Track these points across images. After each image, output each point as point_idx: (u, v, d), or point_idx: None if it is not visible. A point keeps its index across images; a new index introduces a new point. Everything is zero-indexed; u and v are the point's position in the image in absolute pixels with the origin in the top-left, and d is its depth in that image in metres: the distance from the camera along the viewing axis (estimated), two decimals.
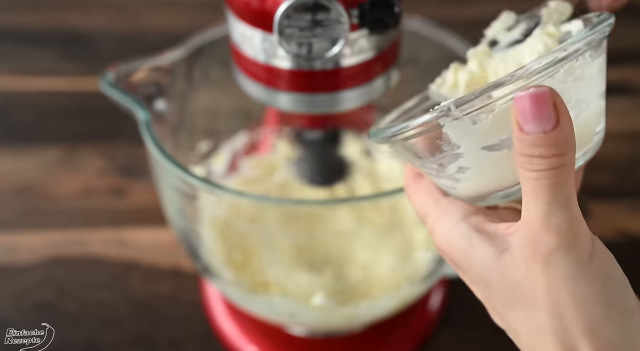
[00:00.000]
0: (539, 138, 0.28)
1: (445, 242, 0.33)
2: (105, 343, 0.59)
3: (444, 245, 0.33)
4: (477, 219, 0.33)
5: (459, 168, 0.32)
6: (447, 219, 0.33)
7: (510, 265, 0.31)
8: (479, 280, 0.32)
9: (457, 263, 0.33)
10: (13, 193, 0.72)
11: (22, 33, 0.92)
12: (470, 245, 0.32)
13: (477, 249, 0.32)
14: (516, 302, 0.31)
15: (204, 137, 0.64)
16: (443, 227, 0.33)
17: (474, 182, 0.33)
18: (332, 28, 0.39)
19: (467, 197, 0.34)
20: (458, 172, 0.33)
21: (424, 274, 0.54)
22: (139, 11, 0.96)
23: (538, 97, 0.28)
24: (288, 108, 0.45)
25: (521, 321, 0.32)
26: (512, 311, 0.32)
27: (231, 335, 0.59)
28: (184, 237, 0.56)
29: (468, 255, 0.32)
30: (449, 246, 0.33)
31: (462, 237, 0.32)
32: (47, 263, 0.65)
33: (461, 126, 0.30)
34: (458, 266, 0.34)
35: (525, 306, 0.31)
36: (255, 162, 0.65)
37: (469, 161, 0.32)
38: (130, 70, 0.52)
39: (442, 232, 0.33)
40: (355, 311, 0.53)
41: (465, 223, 0.33)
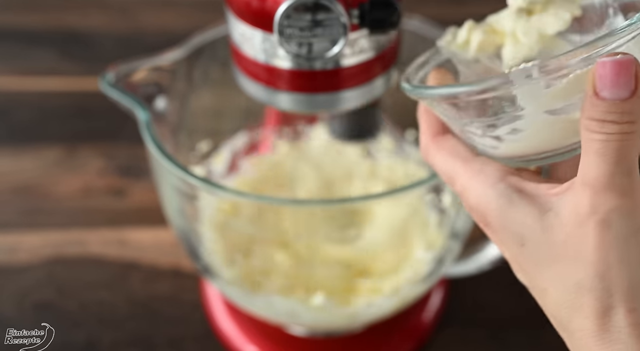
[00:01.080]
0: (615, 104, 0.29)
1: (482, 201, 0.33)
2: (105, 343, 0.59)
3: (480, 205, 0.33)
4: (515, 179, 0.33)
5: (512, 130, 0.32)
6: (483, 178, 0.33)
7: (553, 224, 0.31)
8: (513, 239, 0.32)
9: (490, 223, 0.33)
10: (13, 193, 0.72)
11: (22, 33, 0.92)
12: (510, 205, 0.32)
13: (519, 208, 0.32)
14: (553, 260, 0.32)
15: (204, 137, 0.64)
16: (478, 187, 0.33)
17: (522, 144, 0.33)
18: (332, 28, 0.39)
19: (506, 157, 0.34)
20: (509, 133, 0.32)
21: (424, 274, 0.54)
22: (139, 11, 0.96)
23: (623, 65, 0.28)
24: (288, 108, 0.45)
25: (554, 280, 0.32)
26: (546, 269, 0.32)
27: (231, 335, 0.59)
28: (184, 237, 0.56)
29: (507, 214, 0.32)
30: (486, 205, 0.33)
31: (501, 196, 0.32)
32: (47, 263, 0.65)
33: (534, 89, 0.30)
34: (489, 226, 0.33)
35: (564, 265, 0.31)
36: (255, 162, 0.65)
37: (527, 124, 0.32)
38: (130, 70, 0.52)
39: (478, 192, 0.33)
40: (355, 311, 0.53)
41: (504, 182, 0.33)
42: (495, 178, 0.33)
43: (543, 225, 0.31)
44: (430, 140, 0.37)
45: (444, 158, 0.35)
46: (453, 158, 0.35)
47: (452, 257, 0.55)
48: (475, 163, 0.34)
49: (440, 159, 0.36)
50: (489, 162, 0.34)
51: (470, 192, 0.34)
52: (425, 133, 0.37)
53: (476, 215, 0.34)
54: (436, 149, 0.36)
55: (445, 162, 0.35)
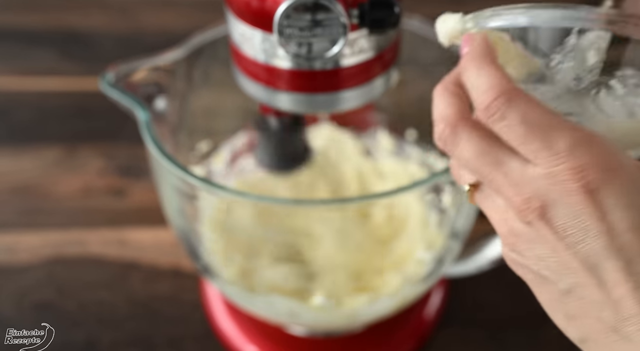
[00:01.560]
0: None
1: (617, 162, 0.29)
2: (104, 343, 0.59)
3: (613, 164, 0.28)
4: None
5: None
6: (611, 144, 0.29)
7: None
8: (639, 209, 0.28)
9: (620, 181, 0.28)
10: (13, 193, 0.72)
11: (22, 33, 0.92)
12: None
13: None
14: None
15: (204, 136, 0.64)
16: (611, 149, 0.29)
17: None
18: (332, 28, 0.39)
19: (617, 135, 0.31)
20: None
21: (424, 274, 0.54)
22: (139, 11, 0.96)
23: None
24: (288, 108, 0.45)
25: None
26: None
27: (231, 335, 0.59)
28: (183, 237, 0.56)
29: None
30: (621, 167, 0.29)
31: (636, 164, 0.29)
32: (47, 263, 0.65)
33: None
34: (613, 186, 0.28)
35: None
36: (255, 162, 0.64)
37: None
38: (130, 70, 0.52)
39: (610, 153, 0.29)
40: (355, 311, 0.53)
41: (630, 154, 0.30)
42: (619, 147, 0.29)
43: None
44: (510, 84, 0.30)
45: (541, 108, 0.29)
46: (557, 115, 0.29)
47: (452, 257, 0.55)
48: (589, 128, 0.29)
49: (535, 107, 0.29)
50: None
51: (593, 151, 0.28)
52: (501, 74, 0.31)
53: (586, 176, 0.28)
54: (529, 96, 0.30)
55: (545, 113, 0.29)
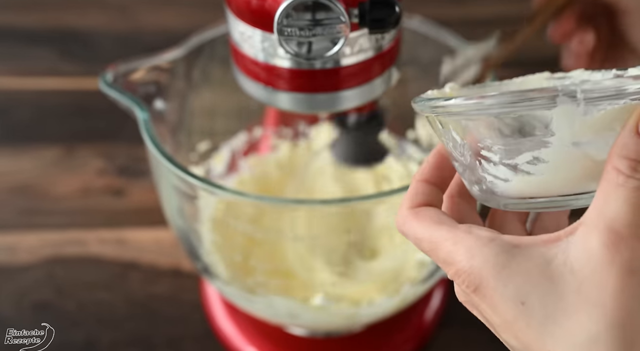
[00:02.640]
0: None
1: (477, 262, 0.30)
2: (104, 343, 0.59)
3: (474, 267, 0.30)
4: (507, 237, 0.31)
5: (534, 159, 0.31)
6: (474, 239, 0.31)
7: (563, 272, 0.29)
8: (513, 298, 0.30)
9: (484, 286, 0.30)
10: (12, 193, 0.72)
11: (21, 33, 0.92)
12: (511, 260, 0.30)
13: (520, 261, 0.29)
14: (562, 314, 0.29)
15: (204, 136, 0.64)
16: (470, 248, 0.31)
17: (536, 180, 0.31)
18: (332, 27, 0.39)
19: (512, 195, 0.32)
20: (529, 163, 0.31)
21: (425, 274, 0.54)
22: (138, 10, 0.96)
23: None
24: (288, 107, 0.45)
25: (562, 338, 0.29)
26: (552, 326, 0.29)
27: (231, 335, 0.59)
28: (183, 237, 0.56)
29: (507, 270, 0.30)
30: (482, 265, 0.30)
31: (499, 253, 0.30)
32: (46, 263, 0.65)
33: (571, 113, 0.29)
34: (480, 291, 0.30)
35: (576, 317, 0.29)
36: (254, 162, 0.64)
37: (551, 154, 0.30)
38: (130, 69, 0.52)
39: (471, 253, 0.30)
40: (355, 311, 0.53)
41: (498, 241, 0.30)
42: (487, 238, 0.31)
43: (551, 274, 0.29)
44: (410, 210, 0.34)
45: (426, 225, 0.33)
46: (437, 225, 0.32)
47: None
48: (462, 228, 0.32)
49: (421, 227, 0.33)
50: (476, 227, 0.32)
51: (461, 255, 0.31)
52: (406, 203, 0.35)
53: (466, 278, 0.31)
54: (417, 219, 0.33)
55: (428, 228, 0.33)
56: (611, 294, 0.28)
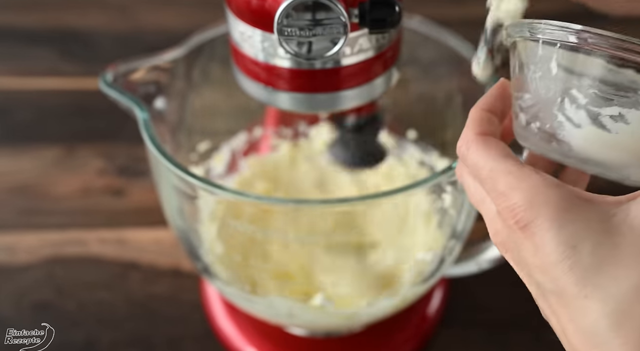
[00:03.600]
0: None
1: (539, 199, 0.31)
2: (104, 343, 0.59)
3: (533, 202, 0.31)
4: (574, 188, 0.32)
5: (619, 115, 0.31)
6: (541, 179, 0.31)
7: (621, 227, 0.30)
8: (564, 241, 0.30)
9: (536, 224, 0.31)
10: (12, 193, 0.72)
11: (21, 33, 0.92)
12: (574, 206, 0.31)
13: (581, 209, 0.31)
14: (612, 263, 0.30)
15: (204, 136, 0.64)
16: (536, 186, 0.31)
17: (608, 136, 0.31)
18: (332, 27, 0.39)
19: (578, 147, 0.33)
20: (611, 117, 0.31)
21: (425, 274, 0.54)
22: (138, 10, 0.96)
23: None
24: (288, 107, 0.45)
25: (608, 284, 0.30)
26: (599, 273, 0.30)
27: (231, 335, 0.59)
28: (183, 237, 0.56)
29: (568, 214, 0.30)
30: (542, 203, 0.31)
31: (564, 198, 0.31)
32: (46, 263, 0.65)
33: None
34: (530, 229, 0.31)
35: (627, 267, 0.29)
36: (254, 162, 0.64)
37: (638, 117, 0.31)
38: (130, 69, 0.52)
39: (534, 190, 0.31)
40: (355, 311, 0.53)
41: (566, 188, 0.31)
42: (554, 182, 0.32)
43: (608, 227, 0.30)
44: (475, 136, 0.35)
45: (493, 154, 0.33)
46: (504, 157, 0.33)
47: (452, 257, 0.55)
48: (528, 168, 0.32)
49: (487, 156, 0.34)
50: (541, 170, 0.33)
51: (522, 191, 0.31)
52: (472, 129, 0.35)
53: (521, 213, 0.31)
54: (485, 146, 0.34)
55: (495, 158, 0.33)
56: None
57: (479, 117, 0.36)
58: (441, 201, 0.55)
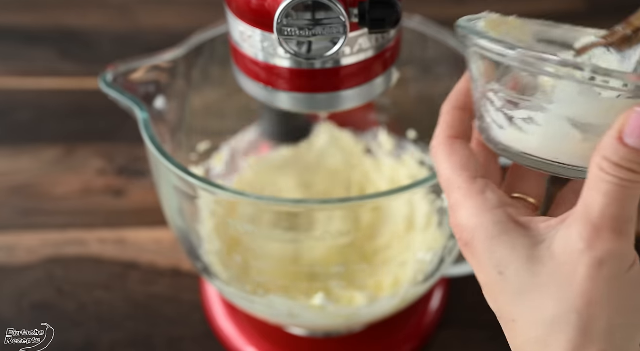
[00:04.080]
0: (636, 153, 0.28)
1: (474, 222, 0.33)
2: (104, 343, 0.59)
3: (470, 225, 0.33)
4: (512, 210, 0.33)
5: (529, 118, 0.32)
6: (482, 201, 0.33)
7: (543, 255, 0.31)
8: (494, 266, 0.32)
9: (474, 245, 0.33)
10: (12, 193, 0.72)
11: (21, 33, 0.92)
12: (503, 232, 0.32)
13: (511, 237, 0.32)
14: (532, 291, 0.31)
15: (204, 136, 0.64)
16: (475, 208, 0.33)
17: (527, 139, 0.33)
18: (332, 27, 0.39)
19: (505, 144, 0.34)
20: (523, 121, 0.32)
21: (424, 274, 0.54)
22: (138, 10, 0.96)
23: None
24: (288, 107, 0.45)
25: (528, 312, 0.31)
26: (521, 300, 0.32)
27: (231, 335, 0.59)
28: (183, 237, 0.56)
29: (497, 240, 0.32)
30: (477, 227, 0.32)
31: (497, 223, 0.32)
32: (46, 263, 0.65)
33: (576, 89, 0.30)
34: (470, 247, 0.33)
35: (543, 297, 0.31)
36: (255, 162, 0.64)
37: (545, 120, 0.32)
38: (130, 69, 0.52)
39: (473, 213, 0.33)
40: (355, 311, 0.53)
41: (502, 210, 0.33)
42: (494, 204, 0.33)
43: (532, 255, 0.31)
44: (445, 139, 0.36)
45: (451, 165, 0.35)
46: (460, 170, 0.34)
47: (452, 257, 0.55)
48: (479, 184, 0.34)
49: (447, 165, 0.35)
50: (491, 186, 0.34)
51: (465, 210, 0.33)
52: (443, 131, 0.37)
53: (461, 232, 0.33)
54: (447, 153, 0.36)
55: (452, 170, 0.35)
56: (578, 282, 0.30)
57: (451, 118, 0.37)
58: (441, 201, 0.55)
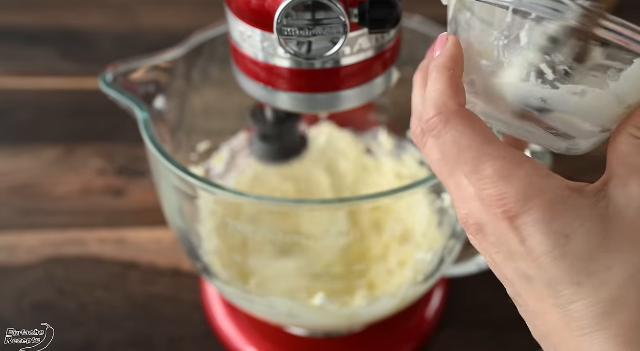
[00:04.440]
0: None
1: (534, 190, 0.30)
2: (104, 343, 0.59)
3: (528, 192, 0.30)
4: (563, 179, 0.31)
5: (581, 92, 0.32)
6: (536, 167, 0.31)
7: (610, 214, 0.30)
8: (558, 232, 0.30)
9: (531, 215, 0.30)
10: (12, 193, 0.72)
11: (21, 33, 0.92)
12: (567, 196, 0.30)
13: (576, 201, 0.30)
14: (603, 251, 0.30)
15: (204, 136, 0.64)
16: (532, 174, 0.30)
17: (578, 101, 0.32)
18: (332, 27, 0.39)
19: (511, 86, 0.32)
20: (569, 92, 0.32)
21: (424, 274, 0.54)
22: (138, 10, 0.96)
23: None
24: (288, 107, 0.45)
25: (602, 272, 0.30)
26: (592, 261, 0.30)
27: (231, 335, 0.59)
28: (183, 237, 0.56)
29: (563, 205, 0.30)
30: (539, 195, 0.30)
31: (559, 189, 0.30)
32: (46, 263, 0.65)
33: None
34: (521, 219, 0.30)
35: (617, 255, 0.30)
36: (255, 162, 0.64)
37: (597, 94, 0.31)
38: (130, 69, 0.52)
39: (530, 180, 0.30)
40: (355, 311, 0.53)
41: (557, 179, 0.31)
42: (547, 173, 0.31)
43: (600, 214, 0.30)
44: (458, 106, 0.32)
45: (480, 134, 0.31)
46: (492, 139, 0.31)
47: (452, 257, 0.55)
48: (518, 152, 0.31)
49: (471, 133, 0.31)
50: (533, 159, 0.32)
51: (517, 180, 0.30)
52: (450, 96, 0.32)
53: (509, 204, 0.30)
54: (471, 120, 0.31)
55: (484, 139, 0.31)
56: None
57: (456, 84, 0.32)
58: (441, 201, 0.55)
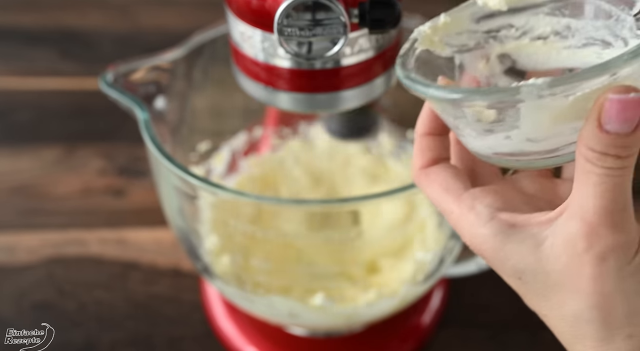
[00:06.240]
0: (618, 138, 0.28)
1: (476, 240, 0.33)
2: (104, 343, 0.59)
3: (474, 243, 0.33)
4: (506, 215, 0.33)
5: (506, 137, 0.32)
6: (474, 217, 0.33)
7: (549, 254, 0.31)
8: (511, 273, 0.33)
9: (489, 259, 0.33)
10: (12, 193, 0.72)
11: (21, 33, 0.92)
12: (505, 241, 0.32)
13: (514, 244, 0.32)
14: (550, 290, 0.32)
15: (204, 136, 0.64)
16: (472, 226, 0.33)
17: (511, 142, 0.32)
18: (332, 27, 0.39)
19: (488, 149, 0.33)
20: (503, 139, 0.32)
21: (424, 274, 0.54)
22: (139, 10, 0.96)
23: (633, 103, 0.28)
24: (288, 107, 0.45)
25: (553, 309, 0.32)
26: (544, 299, 0.32)
27: (231, 335, 0.59)
28: (183, 237, 0.56)
29: (503, 251, 0.32)
30: (481, 243, 0.33)
31: (495, 234, 0.32)
32: (46, 263, 0.65)
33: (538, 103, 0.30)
34: (487, 261, 0.34)
35: (561, 295, 0.31)
36: (255, 162, 0.64)
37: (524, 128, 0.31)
38: (130, 69, 0.52)
39: (472, 231, 0.33)
40: (355, 311, 0.53)
41: (496, 220, 0.33)
42: (486, 216, 0.33)
43: (540, 256, 0.31)
44: (420, 170, 0.37)
45: (436, 191, 0.35)
46: (445, 194, 0.35)
47: (452, 257, 0.55)
48: (465, 199, 0.34)
49: (432, 192, 0.36)
50: (479, 196, 0.34)
51: (464, 230, 0.34)
52: (417, 162, 0.37)
53: (474, 250, 0.34)
54: (427, 182, 0.36)
55: (438, 195, 0.35)
56: (586, 280, 0.31)
57: (420, 147, 0.37)
58: None
